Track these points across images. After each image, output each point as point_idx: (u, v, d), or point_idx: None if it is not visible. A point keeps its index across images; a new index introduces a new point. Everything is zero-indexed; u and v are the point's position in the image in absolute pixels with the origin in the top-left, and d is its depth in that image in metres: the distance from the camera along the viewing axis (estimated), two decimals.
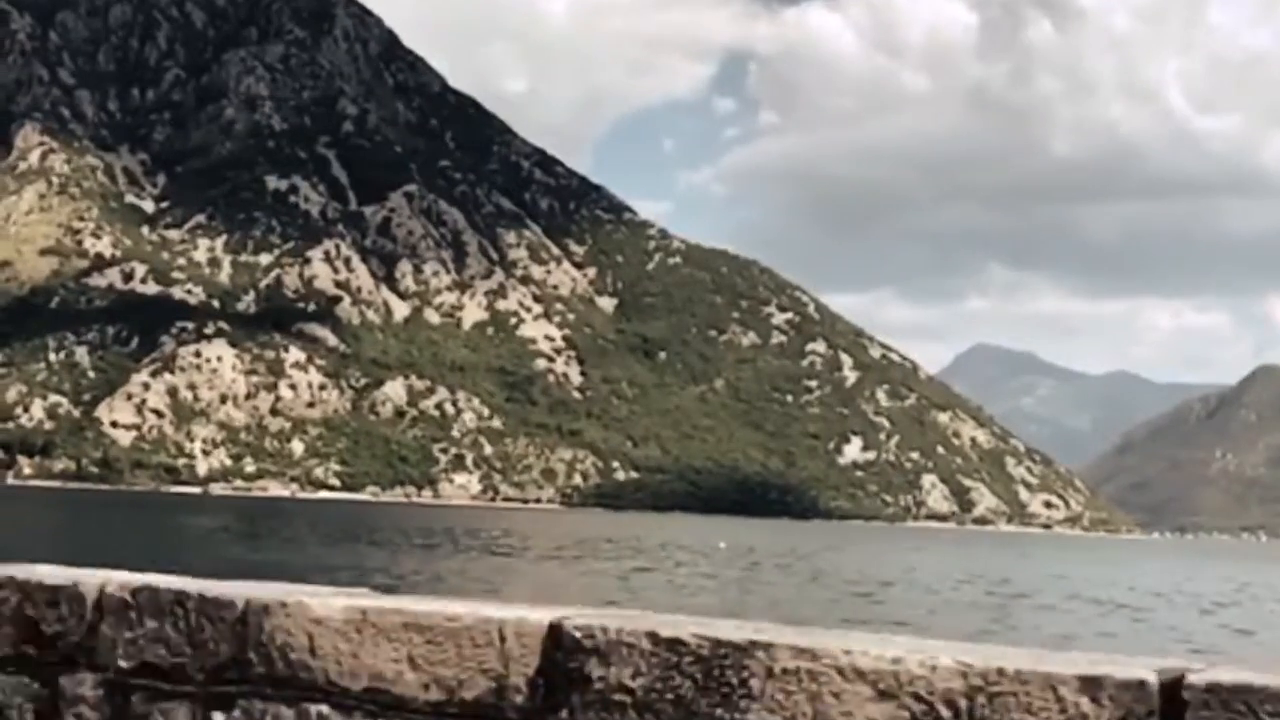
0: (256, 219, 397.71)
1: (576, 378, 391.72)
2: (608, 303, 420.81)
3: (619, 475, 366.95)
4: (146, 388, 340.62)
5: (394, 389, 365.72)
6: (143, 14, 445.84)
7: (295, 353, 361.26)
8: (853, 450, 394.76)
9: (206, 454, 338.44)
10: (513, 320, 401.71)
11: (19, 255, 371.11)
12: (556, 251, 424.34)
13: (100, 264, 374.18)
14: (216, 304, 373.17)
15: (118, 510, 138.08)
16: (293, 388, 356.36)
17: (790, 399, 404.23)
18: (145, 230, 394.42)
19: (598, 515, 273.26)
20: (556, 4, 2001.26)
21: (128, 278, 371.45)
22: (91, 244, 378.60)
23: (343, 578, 41.69)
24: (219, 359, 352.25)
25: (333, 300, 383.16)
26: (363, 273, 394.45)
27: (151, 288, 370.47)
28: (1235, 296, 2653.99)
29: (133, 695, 4.50)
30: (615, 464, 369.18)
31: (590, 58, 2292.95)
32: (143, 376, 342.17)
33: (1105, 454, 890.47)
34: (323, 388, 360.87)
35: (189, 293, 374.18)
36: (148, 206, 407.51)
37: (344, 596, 4.27)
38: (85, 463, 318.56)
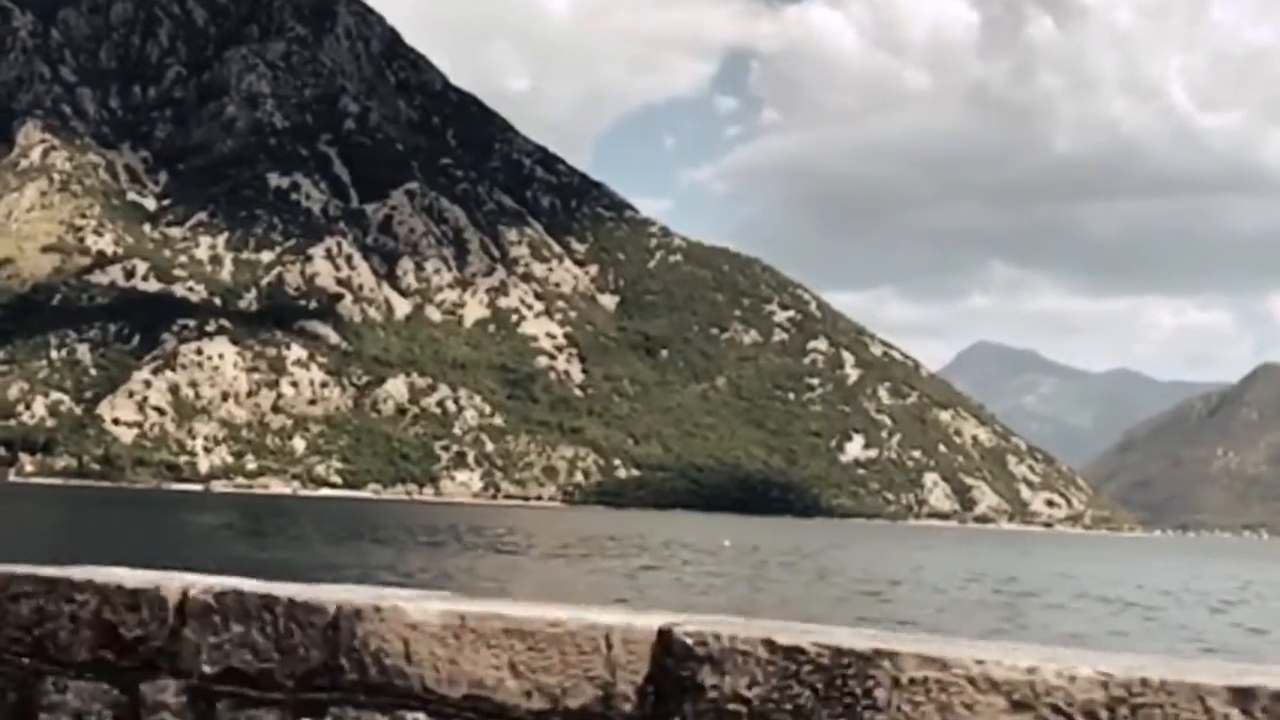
0: (258, 216, 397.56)
1: (578, 375, 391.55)
2: (609, 300, 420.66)
3: (620, 473, 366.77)
4: (148, 385, 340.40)
5: (395, 386, 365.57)
6: (144, 11, 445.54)
7: (297, 350, 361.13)
8: (854, 448, 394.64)
9: (208, 451, 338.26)
10: (514, 318, 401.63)
11: (20, 252, 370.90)
12: (558, 249, 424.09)
13: (102, 261, 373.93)
14: (218, 301, 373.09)
15: (120, 507, 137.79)
16: (294, 385, 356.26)
17: (792, 397, 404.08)
18: (147, 228, 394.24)
19: (599, 513, 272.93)
20: (558, 2, 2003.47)
21: (129, 275, 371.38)
22: (93, 241, 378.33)
23: (350, 575, 41.44)
24: (221, 356, 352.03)
25: (334, 298, 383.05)
26: (364, 270, 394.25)
27: (153, 285, 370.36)
28: (1237, 294, 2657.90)
29: (218, 702, 4.40)
30: (617, 462, 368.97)
31: (592, 56, 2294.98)
32: (144, 374, 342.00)
33: (1107, 452, 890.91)
34: (324, 385, 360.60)
35: (190, 290, 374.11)
36: (149, 204, 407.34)
37: (438, 600, 4.19)
38: (87, 460, 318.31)
